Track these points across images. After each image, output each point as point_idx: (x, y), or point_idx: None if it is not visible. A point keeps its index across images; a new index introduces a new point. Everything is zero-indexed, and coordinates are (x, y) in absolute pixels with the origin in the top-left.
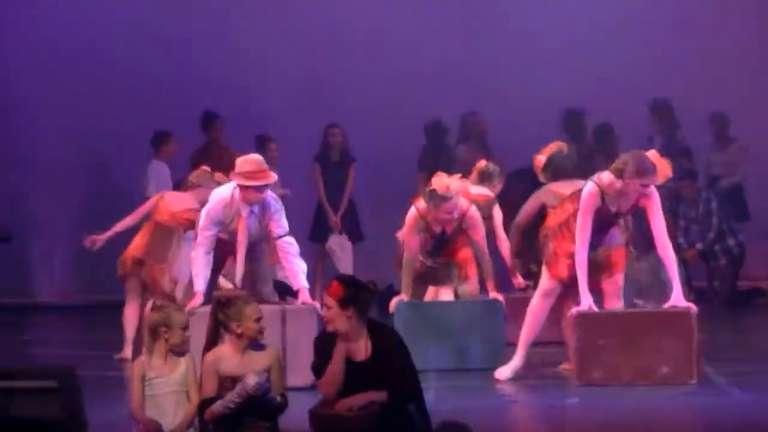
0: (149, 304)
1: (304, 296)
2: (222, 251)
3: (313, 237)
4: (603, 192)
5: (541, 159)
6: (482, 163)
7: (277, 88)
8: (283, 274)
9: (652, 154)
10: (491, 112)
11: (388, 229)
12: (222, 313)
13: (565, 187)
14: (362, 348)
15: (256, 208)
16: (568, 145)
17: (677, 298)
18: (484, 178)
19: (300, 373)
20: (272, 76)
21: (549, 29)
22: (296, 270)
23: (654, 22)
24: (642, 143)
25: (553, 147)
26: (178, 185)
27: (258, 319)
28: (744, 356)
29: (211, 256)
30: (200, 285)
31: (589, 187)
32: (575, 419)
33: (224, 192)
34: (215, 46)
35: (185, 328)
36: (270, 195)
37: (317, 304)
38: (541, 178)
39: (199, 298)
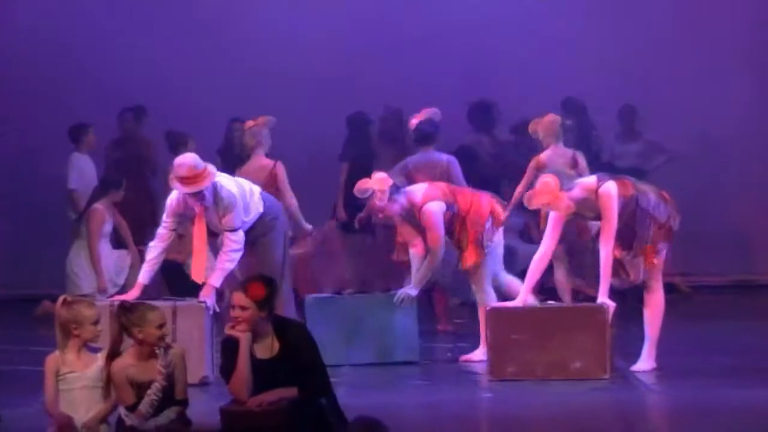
0: (60, 300)
1: (203, 292)
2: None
3: None
4: None
5: (413, 123)
6: (551, 118)
7: (198, 84)
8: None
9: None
10: (409, 104)
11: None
12: (125, 317)
13: (419, 158)
14: (269, 345)
15: (209, 203)
16: (483, 139)
17: (602, 295)
18: (560, 136)
19: (191, 370)
20: (194, 71)
21: (465, 23)
22: (217, 263)
23: (569, 16)
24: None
25: (424, 113)
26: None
27: (161, 326)
28: (657, 351)
29: (162, 254)
30: (142, 277)
31: None
32: (488, 414)
33: None
34: (140, 40)
35: (96, 322)
36: (225, 189)
37: (210, 302)
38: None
39: (136, 291)
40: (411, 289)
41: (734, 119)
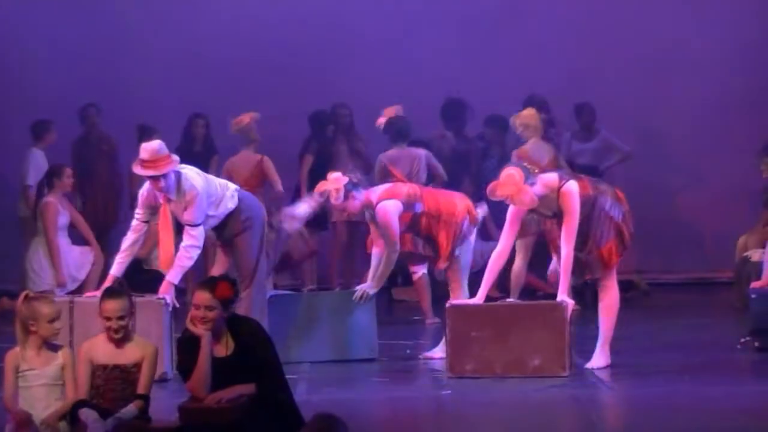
0: (21, 295)
1: (162, 288)
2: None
3: None
4: None
5: (381, 121)
6: (528, 111)
7: (158, 79)
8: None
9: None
10: (366, 102)
11: None
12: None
13: (395, 154)
14: (224, 343)
15: (172, 195)
16: (447, 134)
17: (561, 293)
18: (539, 130)
19: None
20: (153, 66)
21: (423, 20)
22: (176, 260)
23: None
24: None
25: (392, 110)
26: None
27: (53, 321)
28: (614, 349)
29: (135, 245)
30: (114, 269)
31: None
32: (447, 411)
33: None
34: (99, 35)
35: (53, 320)
36: (188, 182)
37: (168, 298)
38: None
39: (108, 283)
40: (370, 287)
41: (686, 118)
